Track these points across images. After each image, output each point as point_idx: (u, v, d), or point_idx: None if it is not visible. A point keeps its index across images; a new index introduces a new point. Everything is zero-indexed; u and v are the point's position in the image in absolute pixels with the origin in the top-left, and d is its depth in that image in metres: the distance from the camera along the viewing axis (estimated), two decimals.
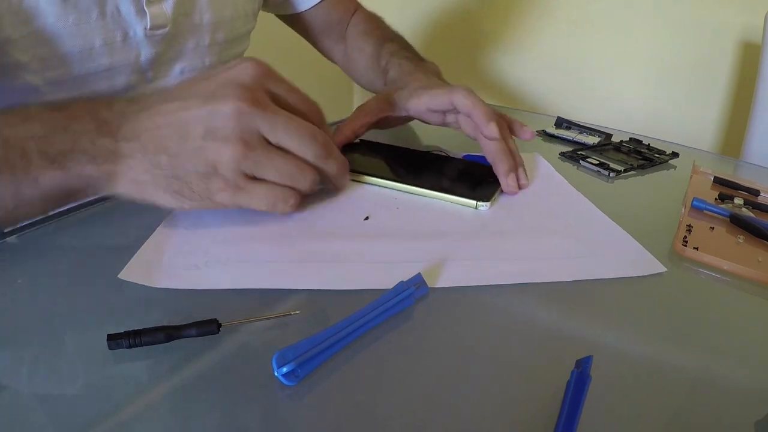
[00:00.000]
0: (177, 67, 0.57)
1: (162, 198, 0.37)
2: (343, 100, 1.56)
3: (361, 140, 0.55)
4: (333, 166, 0.40)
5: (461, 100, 0.47)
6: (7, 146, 0.34)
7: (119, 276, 0.33)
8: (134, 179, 0.36)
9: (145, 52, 0.52)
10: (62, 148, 0.35)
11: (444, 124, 0.53)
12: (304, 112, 0.39)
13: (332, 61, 0.78)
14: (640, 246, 0.41)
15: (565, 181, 0.53)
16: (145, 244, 0.37)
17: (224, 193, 0.36)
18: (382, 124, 0.54)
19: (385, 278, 0.34)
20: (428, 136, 0.63)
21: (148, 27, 0.51)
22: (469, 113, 0.48)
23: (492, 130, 0.46)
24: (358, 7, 0.76)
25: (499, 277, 0.37)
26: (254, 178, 0.37)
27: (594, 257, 0.40)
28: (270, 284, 0.34)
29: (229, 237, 0.39)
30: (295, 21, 0.74)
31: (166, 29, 0.52)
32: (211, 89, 0.36)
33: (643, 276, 0.38)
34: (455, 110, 0.49)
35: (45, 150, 0.34)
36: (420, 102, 0.51)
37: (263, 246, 0.38)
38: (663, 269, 0.39)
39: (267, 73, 0.37)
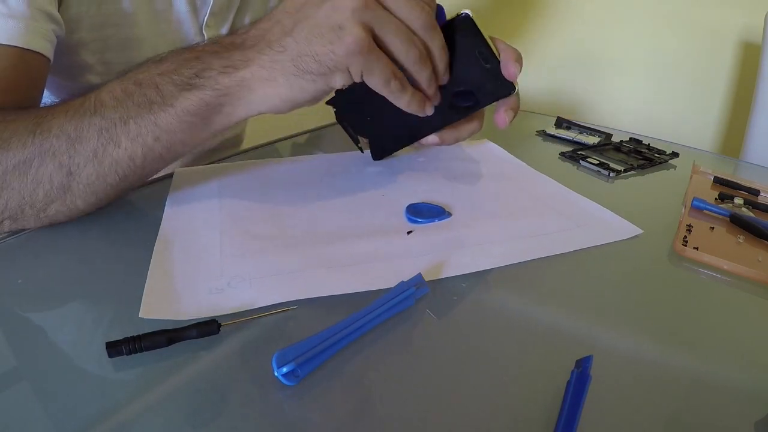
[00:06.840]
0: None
1: (290, 85, 0.36)
2: None
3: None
4: (437, 42, 0.39)
5: None
6: (141, 86, 0.37)
7: (140, 315, 0.30)
8: (265, 78, 0.36)
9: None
10: (193, 72, 0.37)
11: None
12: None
13: None
14: (613, 214, 0.46)
15: (523, 163, 0.57)
16: (149, 274, 0.35)
17: (353, 48, 0.35)
18: None
19: (393, 276, 0.34)
20: None
21: None
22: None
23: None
24: None
25: (500, 259, 0.38)
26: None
27: (581, 228, 0.43)
28: (302, 295, 0.33)
29: (236, 252, 0.38)
30: None
31: None
32: None
33: (643, 275, 0.39)
34: None
35: (177, 79, 0.37)
36: None
37: (276, 256, 0.37)
38: (639, 231, 0.43)
39: None
